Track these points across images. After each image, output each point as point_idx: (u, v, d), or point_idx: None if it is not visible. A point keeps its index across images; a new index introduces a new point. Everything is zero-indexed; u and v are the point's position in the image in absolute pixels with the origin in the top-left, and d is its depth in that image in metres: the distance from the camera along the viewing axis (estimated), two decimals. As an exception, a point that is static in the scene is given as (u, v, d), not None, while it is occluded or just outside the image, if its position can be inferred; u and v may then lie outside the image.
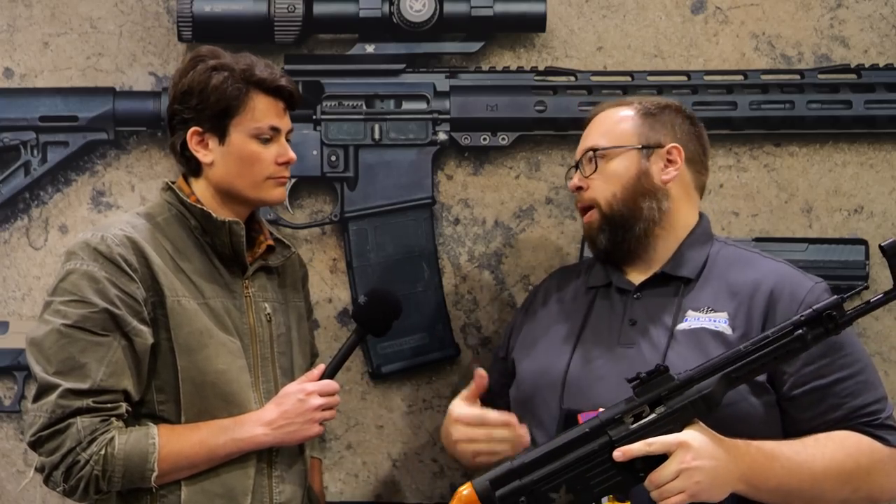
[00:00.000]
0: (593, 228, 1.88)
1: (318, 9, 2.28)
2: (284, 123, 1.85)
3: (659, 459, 1.57)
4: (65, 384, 1.69)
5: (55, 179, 2.33)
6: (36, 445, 1.72)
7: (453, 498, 1.66)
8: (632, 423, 1.60)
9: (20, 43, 2.33)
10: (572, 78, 2.31)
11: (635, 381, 1.62)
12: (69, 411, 1.69)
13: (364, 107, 2.31)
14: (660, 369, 1.61)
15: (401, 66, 2.31)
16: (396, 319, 1.99)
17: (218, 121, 1.80)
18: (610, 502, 1.63)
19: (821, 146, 2.33)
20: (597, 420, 1.62)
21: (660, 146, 1.86)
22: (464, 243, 2.34)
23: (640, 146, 1.85)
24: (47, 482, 1.74)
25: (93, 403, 1.70)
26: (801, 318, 1.62)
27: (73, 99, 2.31)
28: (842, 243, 2.30)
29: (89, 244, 1.75)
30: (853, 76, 2.30)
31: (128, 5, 2.33)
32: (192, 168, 1.86)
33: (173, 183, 1.88)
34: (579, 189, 1.89)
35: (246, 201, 1.85)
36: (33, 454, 1.75)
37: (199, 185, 1.86)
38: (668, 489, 1.56)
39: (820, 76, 2.30)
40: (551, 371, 1.83)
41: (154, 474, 1.71)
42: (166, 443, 1.72)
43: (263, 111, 1.82)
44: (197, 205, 1.83)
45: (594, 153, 1.86)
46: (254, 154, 1.82)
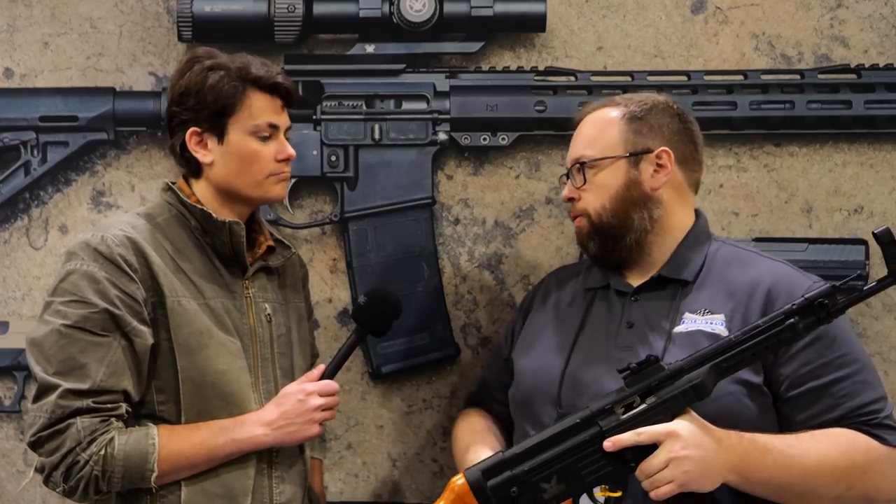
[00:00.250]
0: (583, 235, 1.87)
1: (318, 9, 2.28)
2: (283, 120, 1.85)
3: (649, 449, 1.58)
4: (65, 384, 1.69)
5: (55, 179, 2.33)
6: (36, 446, 1.72)
7: (446, 488, 1.67)
8: (622, 414, 1.62)
9: (20, 43, 2.33)
10: (572, 78, 2.31)
11: (626, 372, 1.63)
12: (69, 411, 1.69)
13: (364, 107, 2.31)
14: (650, 360, 1.62)
15: (401, 66, 2.31)
16: (396, 319, 1.99)
17: (216, 120, 1.80)
18: (602, 492, 1.65)
19: (821, 146, 2.33)
20: (587, 410, 1.63)
21: (648, 151, 1.83)
22: (464, 243, 2.34)
23: (628, 154, 1.83)
24: (47, 482, 1.73)
25: (93, 404, 1.70)
26: (793, 307, 1.62)
27: (73, 99, 2.31)
28: (842, 243, 2.30)
29: (89, 244, 1.75)
30: (853, 76, 2.30)
31: (128, 5, 2.33)
32: (193, 169, 1.85)
33: (174, 183, 1.88)
34: (571, 199, 1.88)
35: (247, 200, 1.85)
36: (33, 454, 1.75)
37: (200, 186, 1.86)
38: (658, 478, 1.57)
39: (820, 76, 2.30)
40: (549, 372, 1.83)
41: (154, 475, 1.71)
42: (166, 443, 1.72)
43: (261, 109, 1.82)
44: (197, 205, 1.83)
45: (582, 165, 1.85)
46: (253, 152, 1.82)
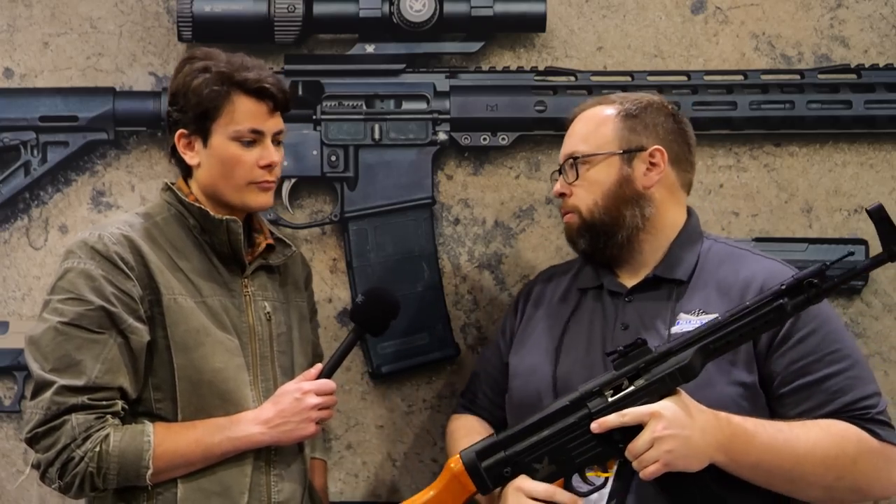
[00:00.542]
0: (572, 230, 1.87)
1: (318, 9, 2.28)
2: (269, 126, 1.82)
3: (637, 430, 1.61)
4: (60, 381, 1.70)
5: (55, 179, 2.33)
6: (32, 442, 1.73)
7: (443, 470, 1.73)
8: (611, 396, 1.64)
9: (20, 43, 2.33)
10: (572, 78, 2.31)
11: (614, 355, 1.66)
12: (64, 408, 1.70)
13: (364, 107, 2.31)
14: (638, 343, 1.65)
15: (401, 66, 2.31)
16: (394, 319, 1.98)
17: (201, 123, 1.80)
18: (593, 473, 1.68)
19: (821, 146, 2.33)
20: (577, 393, 1.67)
21: (642, 149, 1.83)
22: (464, 243, 2.34)
23: (621, 151, 1.83)
24: (43, 479, 1.74)
25: (88, 400, 1.70)
26: (782, 287, 1.62)
27: (73, 99, 2.31)
28: (842, 243, 2.30)
29: (87, 243, 1.76)
30: (853, 76, 2.30)
31: (128, 5, 2.33)
32: (185, 170, 1.86)
33: (173, 183, 1.88)
34: (562, 195, 1.88)
35: (231, 206, 1.84)
36: (33, 454, 1.75)
37: (194, 187, 1.86)
38: (644, 458, 1.59)
39: (820, 76, 2.30)
40: (544, 374, 1.83)
41: (149, 472, 1.71)
42: (161, 441, 1.73)
43: (245, 113, 1.80)
44: (195, 204, 1.83)
45: (575, 160, 1.85)
46: (233, 157, 1.80)
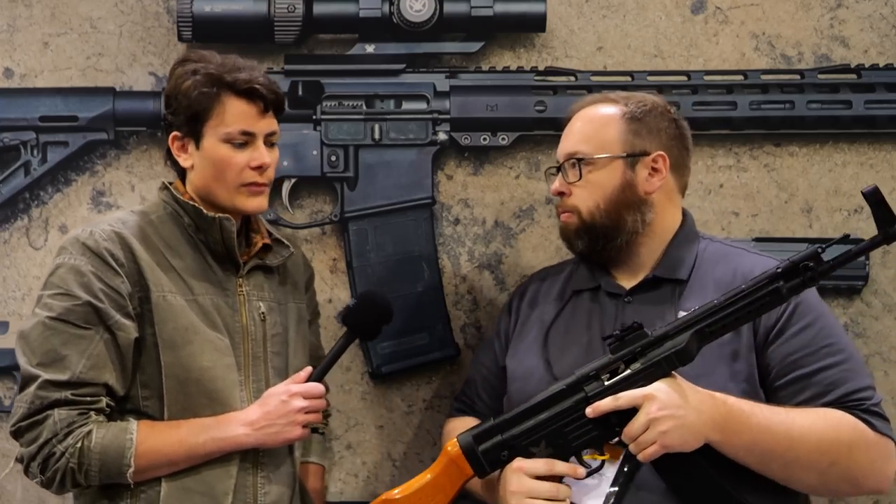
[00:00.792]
0: (570, 231, 1.86)
1: (318, 9, 2.28)
2: (260, 127, 1.81)
3: (633, 414, 1.63)
4: (44, 375, 1.71)
5: (55, 179, 2.33)
6: (17, 435, 1.74)
7: (441, 454, 1.76)
8: (607, 380, 1.66)
9: (20, 43, 2.33)
10: (572, 78, 2.31)
11: (611, 339, 1.67)
12: (47, 402, 1.70)
13: (364, 107, 2.31)
14: (634, 326, 1.66)
15: (401, 66, 2.31)
16: (387, 324, 1.96)
17: (192, 125, 1.80)
18: (589, 456, 1.70)
19: (821, 146, 2.33)
20: (574, 377, 1.69)
21: (645, 154, 1.83)
22: (464, 243, 2.34)
23: (625, 154, 1.82)
24: (27, 473, 1.75)
25: (71, 396, 1.71)
26: (778, 271, 1.63)
27: (73, 99, 2.31)
28: (842, 243, 2.29)
29: (78, 239, 1.77)
30: (853, 76, 2.30)
31: (128, 5, 2.33)
32: (179, 171, 1.87)
33: (171, 183, 1.88)
34: (561, 194, 1.87)
35: (223, 209, 1.83)
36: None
37: (189, 188, 1.86)
38: (641, 441, 1.61)
39: (820, 76, 2.30)
40: (542, 376, 1.83)
41: (130, 470, 1.71)
42: (144, 439, 1.72)
43: (235, 115, 1.79)
44: (190, 202, 1.83)
45: (578, 161, 1.84)
46: (224, 158, 1.80)
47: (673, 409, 1.61)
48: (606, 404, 1.64)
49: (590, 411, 1.65)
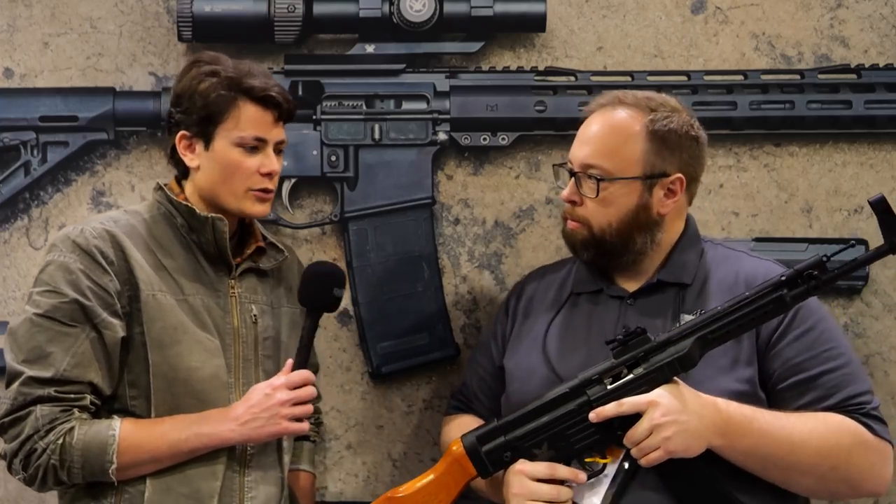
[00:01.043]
0: (576, 240, 1.84)
1: (318, 9, 2.28)
2: (273, 134, 1.83)
3: (636, 419, 1.63)
4: (28, 372, 1.71)
5: (55, 179, 2.33)
6: (0, 432, 1.74)
7: (445, 453, 1.77)
8: (610, 384, 1.67)
9: (20, 43, 2.33)
10: (572, 78, 2.31)
11: (614, 343, 1.68)
12: (30, 399, 1.70)
13: (364, 107, 2.31)
14: (637, 331, 1.67)
15: (401, 66, 2.31)
16: (338, 287, 1.89)
17: (204, 126, 1.80)
18: (591, 459, 1.71)
19: (821, 146, 2.33)
20: (577, 380, 1.69)
21: (664, 175, 1.79)
22: (464, 243, 2.34)
23: (644, 176, 1.78)
24: (10, 470, 1.75)
25: (55, 393, 1.71)
26: (782, 279, 1.64)
27: (73, 99, 2.31)
28: (842, 243, 2.29)
29: (69, 237, 1.78)
30: (853, 76, 2.30)
31: (128, 5, 2.33)
32: (182, 171, 1.87)
33: (165, 184, 1.88)
34: (572, 202, 1.83)
35: (227, 211, 1.83)
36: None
37: (189, 188, 1.86)
38: (644, 446, 1.62)
39: (820, 76, 2.30)
40: (542, 376, 1.83)
41: (113, 466, 1.70)
42: (127, 436, 1.72)
43: (249, 120, 1.80)
44: (183, 203, 1.83)
45: (598, 181, 1.78)
46: (235, 162, 1.81)
47: (676, 415, 1.61)
48: (610, 410, 1.64)
49: (593, 416, 1.65)
